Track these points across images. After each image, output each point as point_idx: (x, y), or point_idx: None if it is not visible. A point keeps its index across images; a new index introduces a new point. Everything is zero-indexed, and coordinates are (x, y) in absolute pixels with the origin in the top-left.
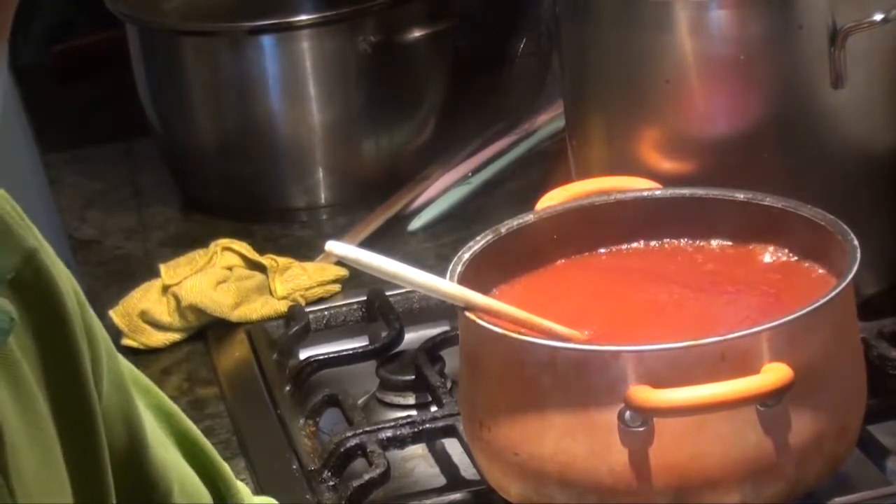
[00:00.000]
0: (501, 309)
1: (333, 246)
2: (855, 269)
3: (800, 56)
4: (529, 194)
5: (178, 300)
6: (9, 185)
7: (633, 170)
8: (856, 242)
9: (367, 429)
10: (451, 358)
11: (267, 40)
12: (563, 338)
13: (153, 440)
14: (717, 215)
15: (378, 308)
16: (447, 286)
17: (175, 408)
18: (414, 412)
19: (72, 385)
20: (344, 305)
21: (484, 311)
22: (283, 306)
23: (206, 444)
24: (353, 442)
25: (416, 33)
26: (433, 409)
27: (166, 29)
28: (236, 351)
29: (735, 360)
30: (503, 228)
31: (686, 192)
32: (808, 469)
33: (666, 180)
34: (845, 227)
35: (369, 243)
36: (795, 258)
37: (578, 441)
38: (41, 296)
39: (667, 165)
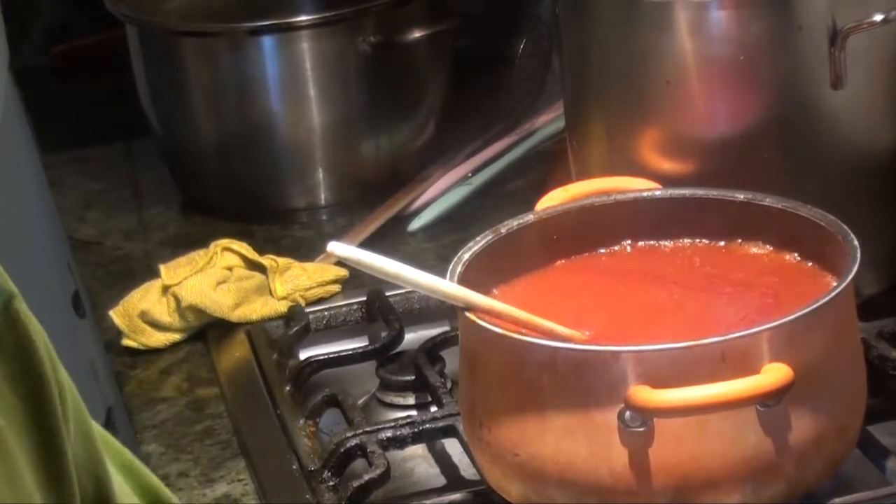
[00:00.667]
0: (503, 310)
1: (335, 247)
2: (855, 269)
3: (799, 57)
4: (529, 195)
5: (178, 300)
6: (8, 186)
7: (633, 170)
8: (856, 243)
9: (367, 429)
10: (451, 358)
11: (267, 41)
12: (565, 339)
13: (120, 494)
14: (717, 216)
15: (378, 308)
16: (449, 287)
17: (137, 462)
18: (414, 412)
19: (47, 439)
20: (344, 306)
21: (485, 312)
22: (283, 306)
23: (172, 497)
24: (353, 442)
25: (417, 34)
26: (433, 409)
27: (166, 29)
28: (236, 351)
29: (735, 360)
30: (503, 229)
31: (686, 192)
32: (808, 469)
33: (666, 181)
34: (845, 227)
35: (369, 244)
36: (795, 258)
37: (578, 441)
38: (17, 347)
39: (667, 166)
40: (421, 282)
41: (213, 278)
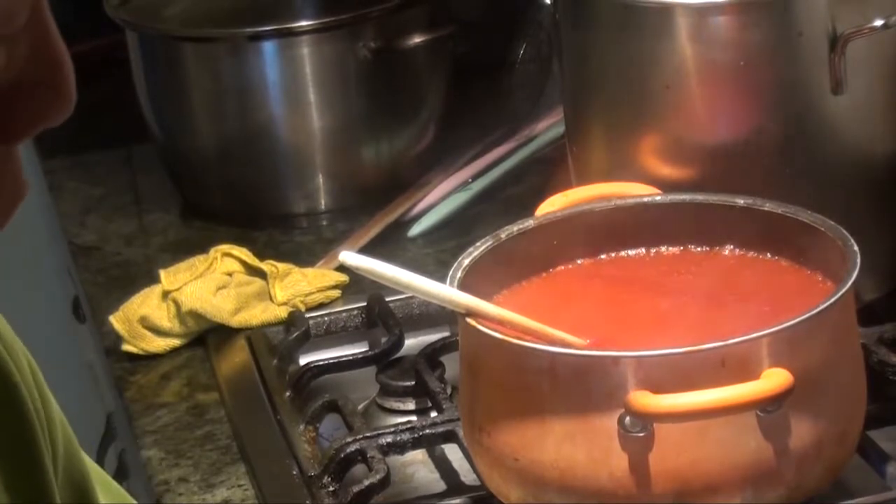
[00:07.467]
0: (514, 319)
1: (347, 256)
2: (855, 274)
3: (800, 62)
4: (529, 200)
5: (178, 306)
6: None
7: (633, 175)
8: (856, 248)
9: (367, 434)
10: (451, 363)
11: (267, 46)
12: (566, 345)
13: None
14: (717, 221)
15: (378, 314)
16: (462, 297)
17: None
18: (414, 418)
19: (32, 486)
20: (344, 311)
21: (497, 322)
22: (283, 312)
23: None
24: (353, 447)
25: (416, 39)
26: (433, 414)
27: (166, 35)
28: (236, 356)
29: (735, 366)
30: (503, 234)
31: (686, 197)
32: (809, 475)
33: (666, 186)
34: (845, 232)
35: (369, 249)
36: (795, 264)
37: (578, 446)
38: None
39: (666, 171)
40: (434, 292)
41: (214, 283)
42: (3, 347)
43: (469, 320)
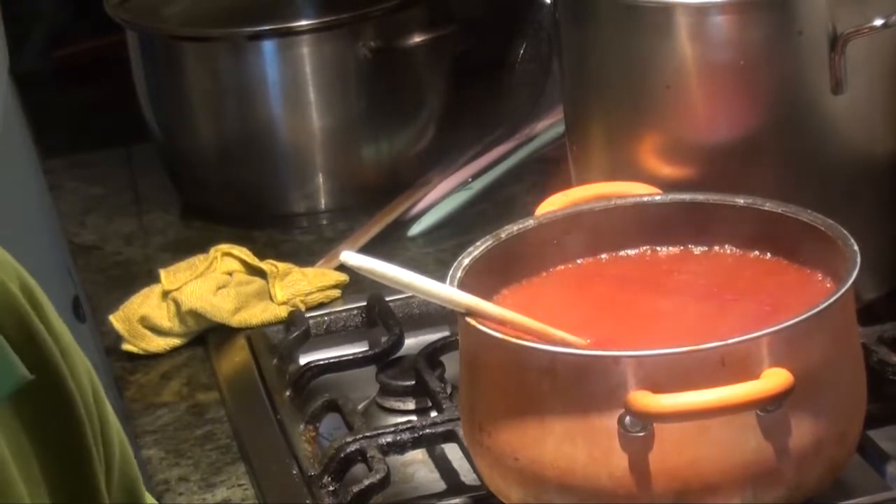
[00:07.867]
0: (515, 319)
1: (348, 256)
2: (855, 274)
3: (800, 62)
4: (529, 200)
5: (178, 305)
6: (9, 191)
7: (633, 175)
8: (856, 247)
9: (367, 434)
10: (451, 363)
11: (267, 46)
12: (566, 344)
13: None
14: (717, 221)
15: (378, 313)
16: (462, 297)
17: None
18: (414, 417)
19: (79, 487)
20: (344, 311)
21: (497, 322)
22: (283, 311)
23: None
24: (353, 447)
25: (417, 39)
26: (433, 414)
27: (166, 35)
28: (236, 356)
29: (735, 366)
30: (503, 234)
31: (686, 197)
32: (809, 474)
33: (666, 185)
34: (845, 232)
35: (370, 249)
36: (795, 263)
37: (578, 446)
38: (52, 404)
39: (667, 171)
40: (434, 291)
41: (214, 283)
42: (63, 360)
43: (469, 320)
